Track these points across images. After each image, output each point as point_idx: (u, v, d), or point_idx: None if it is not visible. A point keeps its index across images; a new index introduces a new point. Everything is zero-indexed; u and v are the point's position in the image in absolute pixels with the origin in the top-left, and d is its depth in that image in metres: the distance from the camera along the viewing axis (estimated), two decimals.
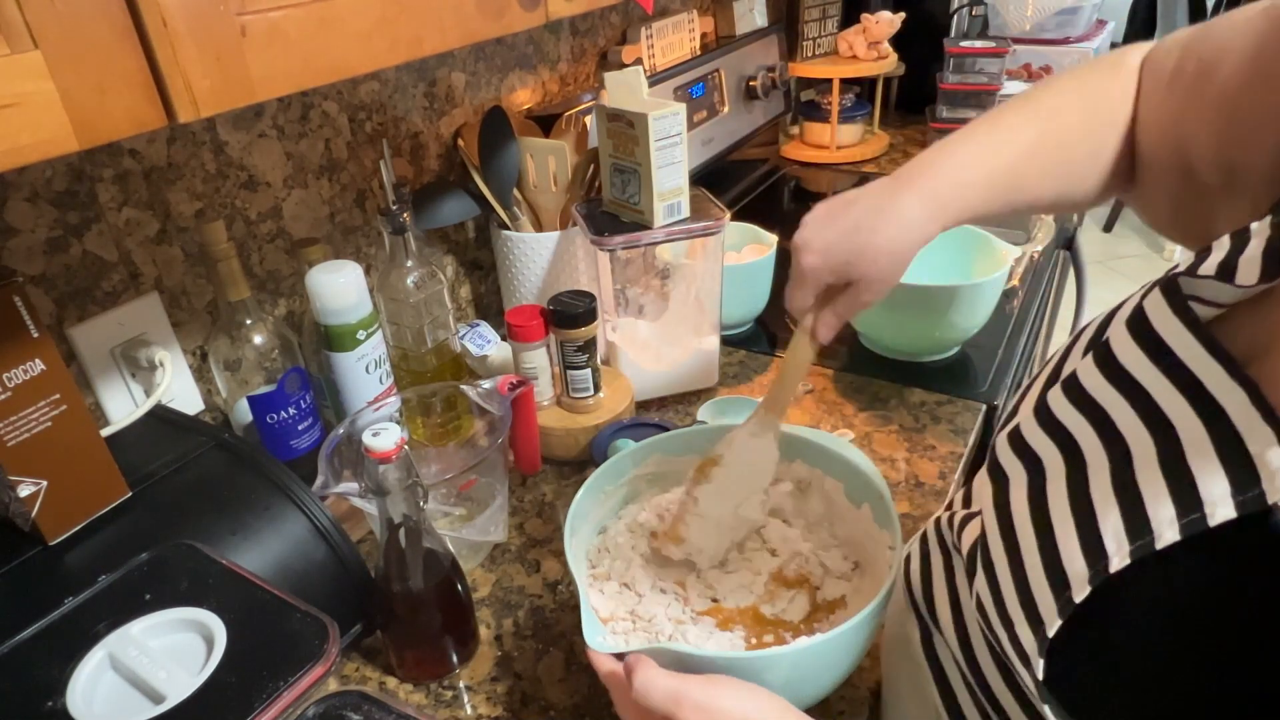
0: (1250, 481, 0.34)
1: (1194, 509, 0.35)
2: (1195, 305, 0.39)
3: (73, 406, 0.56)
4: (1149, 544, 0.36)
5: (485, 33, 0.61)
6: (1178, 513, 0.36)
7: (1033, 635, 0.40)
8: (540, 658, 0.69)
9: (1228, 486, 0.35)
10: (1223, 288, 0.38)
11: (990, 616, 0.45)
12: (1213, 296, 0.39)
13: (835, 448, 0.69)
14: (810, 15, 1.69)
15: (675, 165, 0.89)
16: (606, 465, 0.70)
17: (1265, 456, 0.34)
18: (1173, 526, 0.36)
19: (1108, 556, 0.37)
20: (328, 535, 0.63)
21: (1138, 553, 0.36)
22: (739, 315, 1.12)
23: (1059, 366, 0.48)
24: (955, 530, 0.53)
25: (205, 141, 0.78)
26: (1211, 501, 0.35)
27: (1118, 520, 0.38)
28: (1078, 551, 0.39)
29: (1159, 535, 0.36)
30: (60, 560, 0.57)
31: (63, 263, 0.70)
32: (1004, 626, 0.43)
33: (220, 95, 0.44)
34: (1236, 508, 0.34)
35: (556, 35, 1.21)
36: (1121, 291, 0.49)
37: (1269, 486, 0.33)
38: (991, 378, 1.02)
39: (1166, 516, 0.36)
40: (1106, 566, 0.37)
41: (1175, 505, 0.36)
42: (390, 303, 0.85)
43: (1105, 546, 0.38)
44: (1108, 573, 0.37)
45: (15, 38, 0.35)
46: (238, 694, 0.46)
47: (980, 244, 1.07)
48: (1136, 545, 0.37)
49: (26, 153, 0.37)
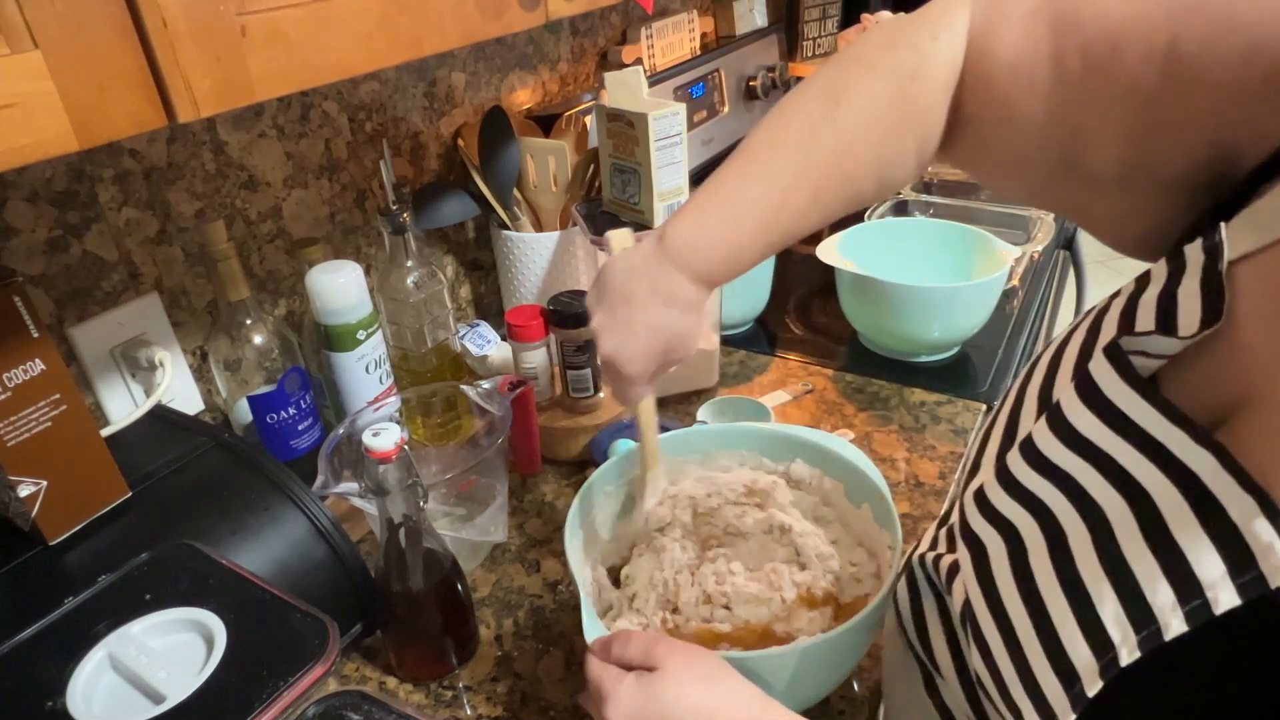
0: (1245, 560, 0.32)
1: (1194, 593, 0.33)
2: (1139, 359, 0.37)
3: (73, 406, 0.56)
4: (1156, 634, 0.34)
5: (485, 33, 0.61)
6: (1178, 597, 0.34)
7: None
8: (540, 658, 0.69)
9: (1223, 566, 0.32)
10: (1166, 342, 0.36)
11: (994, 698, 0.43)
12: (1158, 350, 0.37)
13: (834, 447, 0.69)
14: (810, 15, 1.70)
15: (675, 165, 0.89)
16: (607, 465, 0.70)
17: (1252, 529, 0.32)
18: (1177, 614, 0.33)
19: (1115, 647, 0.35)
20: (328, 535, 0.63)
21: (1146, 644, 0.34)
22: (739, 315, 1.12)
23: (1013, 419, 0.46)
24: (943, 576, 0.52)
25: (205, 141, 0.78)
26: (1211, 585, 0.33)
27: (1116, 605, 0.36)
28: (1080, 639, 0.37)
29: (1165, 625, 0.34)
30: (60, 560, 0.57)
31: (63, 263, 0.70)
32: (1011, 713, 0.41)
33: (220, 95, 0.44)
34: (1238, 592, 0.32)
35: (556, 35, 1.21)
36: None
37: (1266, 567, 0.31)
38: (991, 378, 1.02)
39: (1167, 602, 0.34)
40: (1116, 659, 0.35)
41: (1173, 589, 0.34)
42: (390, 303, 0.85)
43: (1110, 635, 0.36)
44: (1118, 665, 0.35)
45: (15, 38, 0.35)
46: (238, 694, 0.46)
47: (980, 244, 1.07)
48: (1143, 636, 0.34)
49: (26, 153, 0.37)
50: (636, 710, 0.48)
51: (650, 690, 0.49)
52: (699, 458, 0.73)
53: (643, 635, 0.52)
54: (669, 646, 0.50)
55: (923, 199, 1.56)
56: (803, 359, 1.08)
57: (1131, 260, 0.50)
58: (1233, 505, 0.32)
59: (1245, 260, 0.36)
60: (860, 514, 0.67)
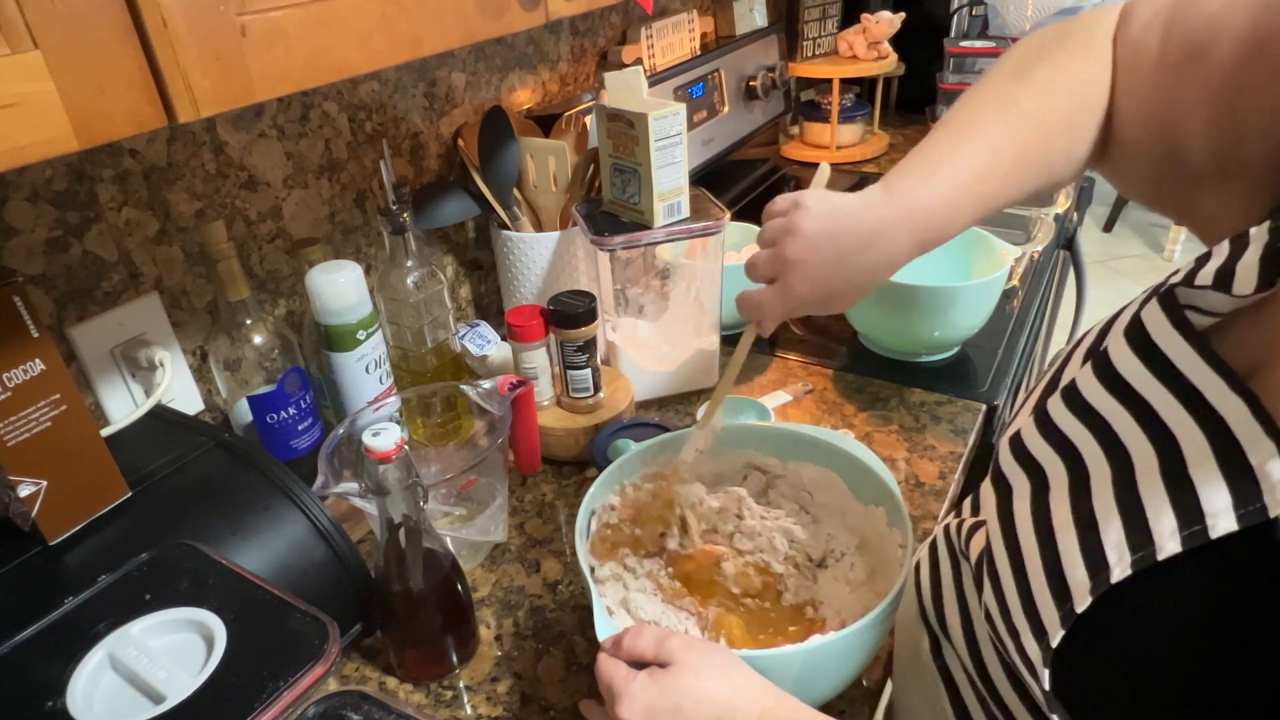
0: (1252, 494, 0.34)
1: (1195, 520, 0.35)
2: (1193, 315, 0.39)
3: (73, 406, 0.56)
4: (1150, 555, 0.36)
5: (485, 33, 0.61)
6: (1179, 524, 0.36)
7: (1037, 646, 0.40)
8: (540, 658, 0.69)
9: (1229, 498, 0.35)
10: (1220, 298, 0.38)
11: (998, 627, 0.45)
12: (1210, 306, 0.39)
13: (844, 446, 0.69)
14: (810, 15, 1.69)
15: (675, 165, 0.89)
16: (619, 462, 0.70)
17: (1266, 468, 0.34)
18: (1174, 538, 0.36)
19: (1109, 567, 0.37)
20: (328, 535, 0.63)
21: (1139, 564, 0.36)
22: (739, 315, 1.12)
23: (1058, 373, 0.48)
24: (964, 538, 0.53)
25: (205, 141, 0.78)
26: (1213, 513, 0.35)
27: (1119, 531, 0.38)
28: (1079, 561, 0.39)
29: (1160, 547, 0.36)
30: (60, 560, 0.57)
31: (63, 263, 0.70)
32: (1010, 637, 0.43)
33: (220, 95, 0.44)
34: (1238, 520, 0.34)
35: (556, 35, 1.21)
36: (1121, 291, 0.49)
37: (1270, 499, 0.33)
38: (991, 378, 1.02)
39: (1168, 528, 0.36)
40: (1108, 577, 0.37)
41: (1177, 517, 0.36)
42: (390, 303, 0.85)
43: (1107, 557, 0.38)
44: (1109, 583, 0.37)
45: (15, 38, 0.35)
46: (238, 694, 0.46)
47: (980, 244, 1.07)
48: (1138, 556, 0.37)
49: (26, 153, 0.37)
50: (651, 705, 0.48)
51: (664, 685, 0.48)
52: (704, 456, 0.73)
53: (655, 630, 0.52)
54: (682, 641, 0.51)
55: None
56: (803, 359, 1.08)
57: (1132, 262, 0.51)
58: (1254, 449, 0.35)
59: None
60: (871, 513, 0.67)
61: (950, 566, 0.57)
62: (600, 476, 0.68)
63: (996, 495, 0.48)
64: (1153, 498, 0.37)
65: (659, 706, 0.48)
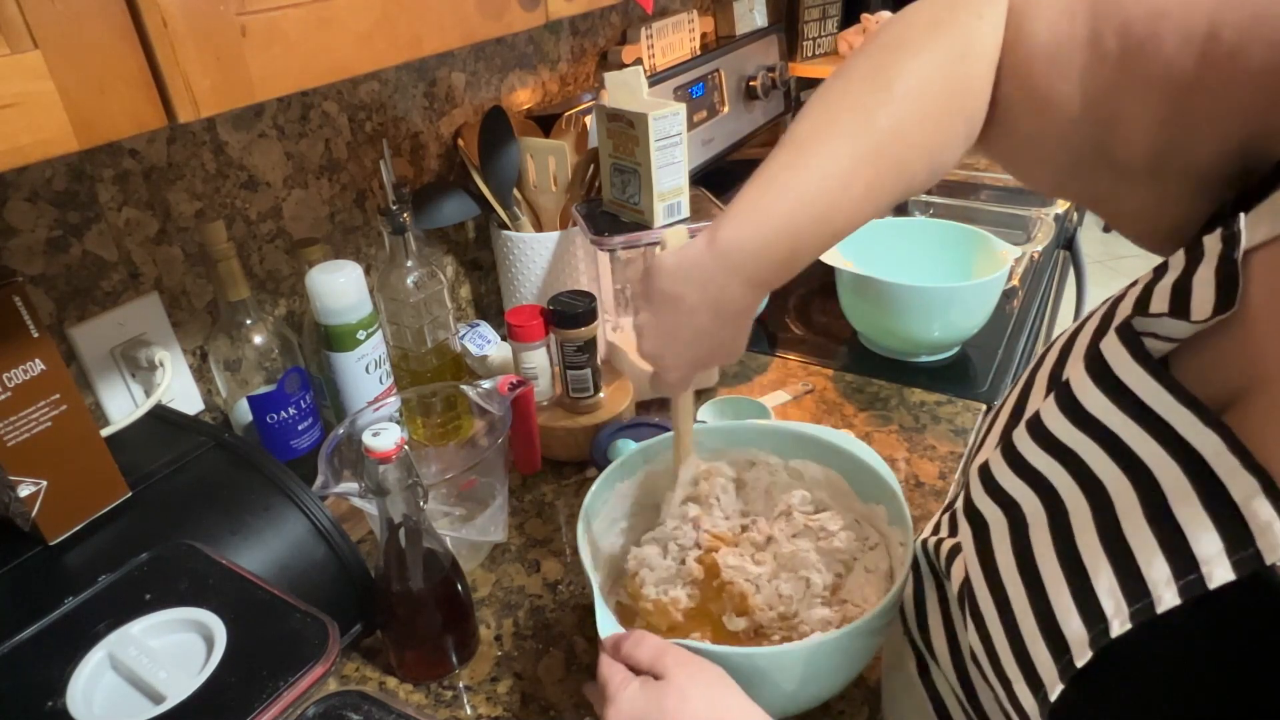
0: (1243, 538, 0.32)
1: (1190, 568, 0.33)
2: (1151, 342, 0.38)
3: (73, 406, 0.56)
4: (1149, 607, 0.34)
5: (485, 33, 0.61)
6: (1173, 572, 0.34)
7: (1033, 698, 0.39)
8: (540, 658, 0.69)
9: (1220, 544, 0.33)
10: (1178, 325, 0.37)
11: (986, 671, 0.43)
12: (1168, 333, 0.38)
13: (845, 444, 0.70)
14: (810, 15, 1.69)
15: (675, 165, 0.89)
16: (620, 461, 0.70)
17: (1251, 507, 0.32)
18: (1170, 588, 0.34)
19: (1107, 619, 0.36)
20: (328, 535, 0.63)
21: (1138, 616, 0.35)
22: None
23: (1022, 399, 0.46)
24: (943, 560, 0.52)
25: (205, 141, 0.78)
26: (1207, 560, 0.33)
27: (1111, 578, 0.36)
28: (1073, 611, 0.37)
29: (1158, 599, 0.34)
30: (60, 560, 0.57)
31: (63, 263, 0.70)
32: (1001, 684, 0.42)
33: (220, 95, 0.44)
34: (1234, 568, 0.32)
35: (556, 35, 1.21)
36: None
37: (1263, 544, 0.32)
38: (991, 378, 1.02)
39: (1162, 576, 0.34)
40: (1107, 630, 0.35)
41: (1169, 563, 0.34)
42: (390, 303, 0.85)
43: (1103, 608, 0.36)
44: (1109, 636, 0.35)
45: (15, 38, 0.35)
46: (238, 694, 0.46)
47: (980, 244, 1.07)
48: (1136, 608, 0.35)
49: (26, 153, 0.37)
50: (637, 716, 0.49)
51: (652, 697, 0.49)
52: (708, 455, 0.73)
53: (654, 640, 0.52)
54: (677, 657, 0.51)
55: (923, 199, 1.56)
56: (803, 359, 1.08)
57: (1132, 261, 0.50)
58: (1235, 485, 0.33)
59: (1262, 249, 0.36)
60: (870, 512, 0.67)
61: (934, 586, 0.56)
62: (600, 476, 0.68)
63: (973, 530, 0.46)
64: (1140, 541, 0.35)
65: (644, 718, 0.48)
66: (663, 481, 0.73)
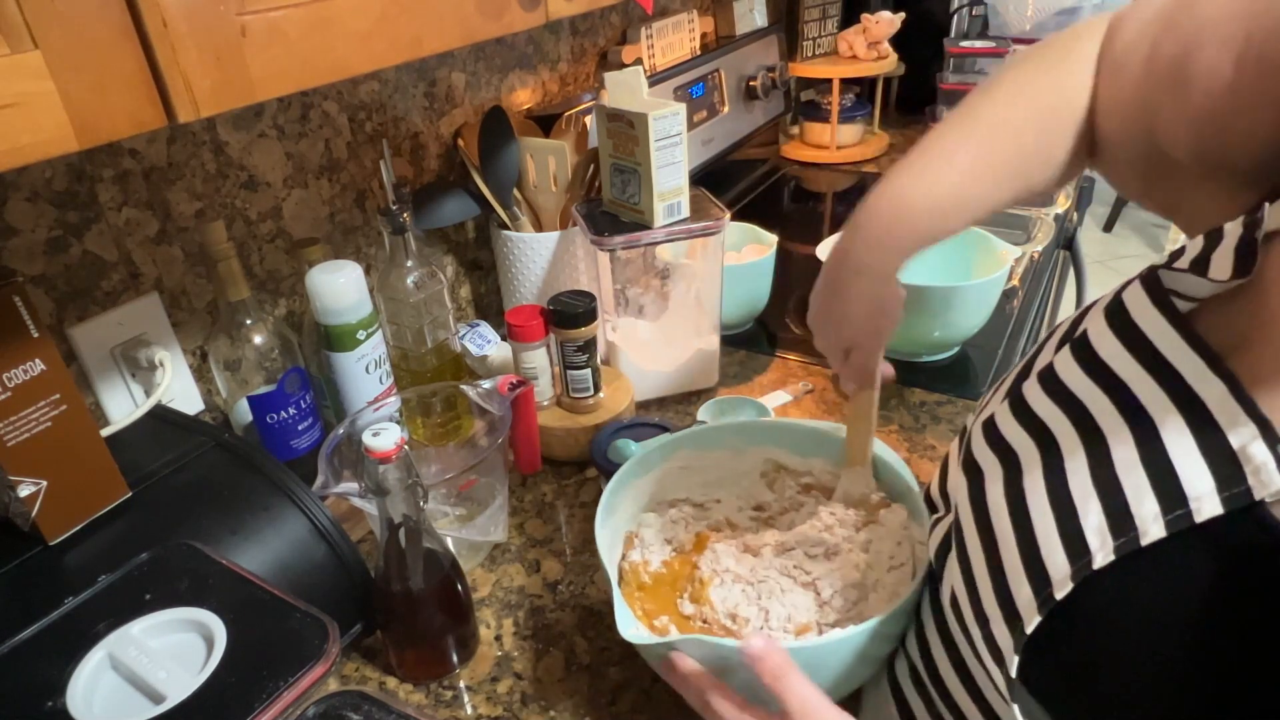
0: (1235, 477, 0.34)
1: (1179, 504, 0.35)
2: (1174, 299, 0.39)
3: (73, 406, 0.56)
4: (1134, 540, 0.36)
5: (485, 33, 0.61)
6: (1162, 508, 0.36)
7: (1009, 632, 0.40)
8: (540, 658, 0.69)
9: (1211, 481, 0.35)
10: (1199, 282, 0.38)
11: (964, 614, 0.44)
12: (1189, 290, 0.40)
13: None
14: (810, 15, 1.69)
15: (675, 165, 0.89)
16: (637, 458, 0.70)
17: (1248, 450, 0.34)
18: (1158, 522, 0.35)
19: (1090, 553, 0.37)
20: (328, 535, 0.63)
21: (1122, 549, 0.36)
22: (739, 315, 1.12)
23: (1032, 359, 0.48)
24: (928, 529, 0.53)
25: (205, 141, 0.78)
26: (1197, 497, 0.35)
27: (1099, 515, 0.38)
28: (1058, 546, 0.39)
29: (1144, 531, 0.36)
30: (60, 560, 0.57)
31: (63, 263, 0.70)
32: (979, 624, 0.43)
33: (220, 95, 0.44)
34: (1223, 503, 0.34)
35: (556, 35, 1.21)
36: None
37: (1254, 482, 0.33)
38: (991, 378, 1.02)
39: (1150, 512, 0.36)
40: (1090, 563, 0.37)
41: (1159, 500, 0.36)
42: (390, 303, 0.85)
43: (1088, 542, 0.37)
44: (1091, 569, 0.37)
45: (15, 38, 0.35)
46: (238, 694, 0.46)
47: (980, 244, 1.07)
48: (1121, 541, 0.36)
49: (26, 153, 0.37)
50: None
51: None
52: (730, 453, 0.73)
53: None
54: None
55: None
56: (803, 359, 1.08)
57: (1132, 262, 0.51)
58: (1234, 430, 0.35)
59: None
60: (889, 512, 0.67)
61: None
62: (617, 474, 0.68)
63: (968, 480, 0.47)
64: (1132, 480, 0.37)
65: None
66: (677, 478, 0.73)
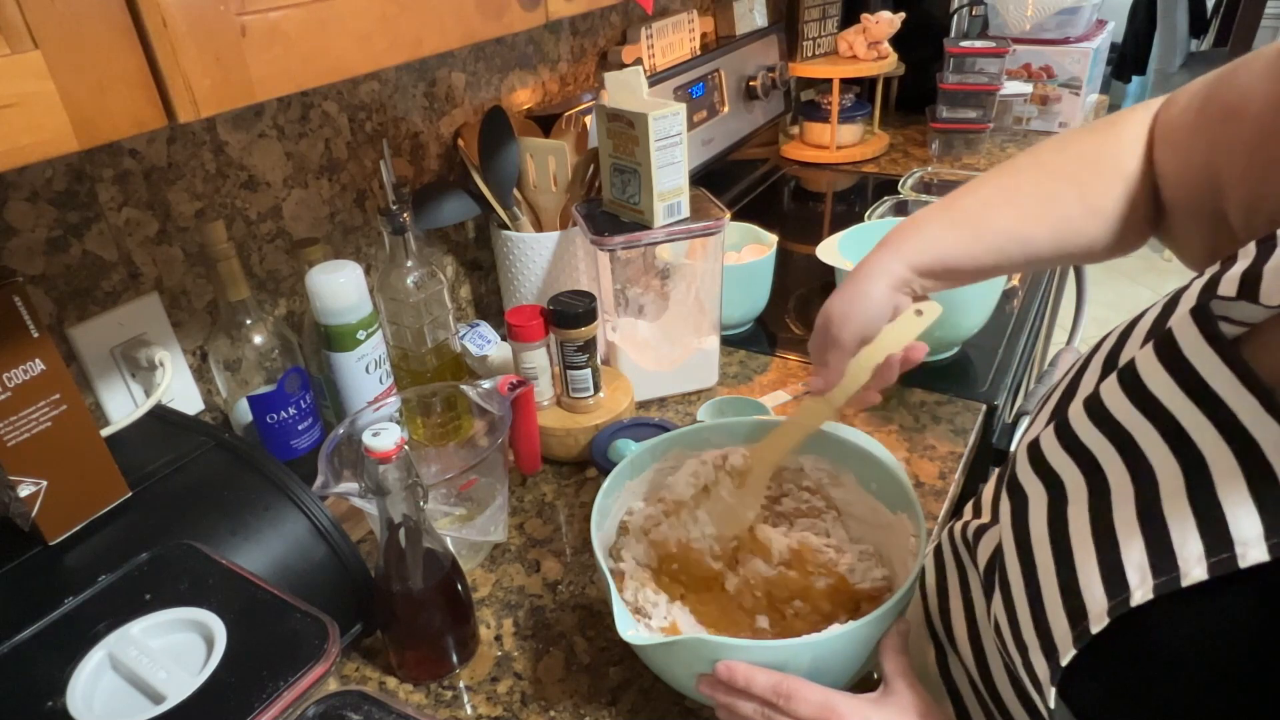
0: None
1: (1224, 547, 0.34)
2: (1224, 325, 0.38)
3: (73, 406, 0.56)
4: (1175, 580, 0.35)
5: (485, 33, 0.61)
6: (1206, 549, 0.35)
7: (1046, 663, 0.39)
8: (540, 658, 0.69)
9: (1260, 528, 0.33)
10: (1251, 308, 0.37)
11: (1006, 640, 0.44)
12: (1241, 317, 0.38)
13: (858, 441, 0.70)
14: (810, 15, 1.69)
15: (675, 165, 0.89)
16: (629, 459, 0.70)
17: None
18: (1200, 564, 0.35)
19: (1129, 589, 0.36)
20: (328, 535, 0.63)
21: (1162, 588, 0.35)
22: (739, 315, 1.12)
23: (1076, 380, 0.47)
24: (971, 541, 0.53)
25: (205, 141, 0.78)
26: (1243, 541, 0.34)
27: (1141, 552, 0.37)
28: (1097, 580, 0.38)
29: (1185, 572, 0.35)
30: (60, 560, 0.57)
31: (63, 263, 0.70)
32: (1019, 652, 0.42)
33: (220, 95, 0.44)
34: (1270, 550, 0.33)
35: (556, 35, 1.21)
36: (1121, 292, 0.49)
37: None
38: (991, 378, 1.02)
39: (1194, 553, 0.35)
40: (1128, 599, 0.36)
41: (1203, 541, 0.35)
42: (390, 303, 0.85)
43: (1128, 578, 0.37)
44: (1128, 605, 0.36)
45: (15, 38, 0.35)
46: (238, 694, 0.46)
47: None
48: (1161, 580, 0.35)
49: (26, 153, 0.37)
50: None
51: None
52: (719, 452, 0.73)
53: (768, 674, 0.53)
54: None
55: (922, 199, 1.56)
56: (803, 359, 1.08)
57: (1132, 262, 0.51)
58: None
59: None
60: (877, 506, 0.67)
61: (956, 573, 0.56)
62: (610, 475, 0.68)
63: (1012, 504, 0.46)
64: (1178, 519, 0.36)
65: None
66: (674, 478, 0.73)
